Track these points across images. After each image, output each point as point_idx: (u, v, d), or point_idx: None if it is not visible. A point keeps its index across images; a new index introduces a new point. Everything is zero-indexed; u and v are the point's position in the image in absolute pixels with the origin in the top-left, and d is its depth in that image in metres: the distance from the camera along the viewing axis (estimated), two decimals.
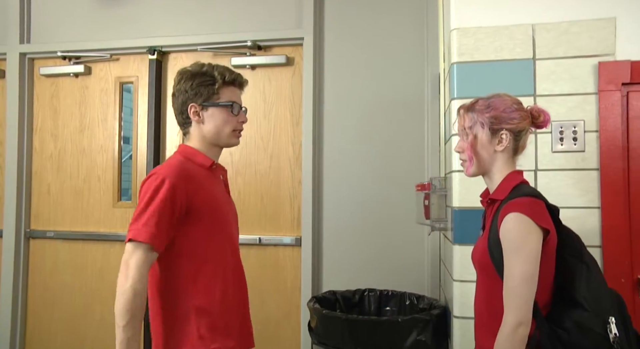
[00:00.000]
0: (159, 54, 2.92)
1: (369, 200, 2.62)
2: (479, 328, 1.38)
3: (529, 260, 1.20)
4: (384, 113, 2.63)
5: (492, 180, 1.37)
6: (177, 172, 1.39)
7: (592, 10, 1.82)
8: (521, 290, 1.19)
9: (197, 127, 1.50)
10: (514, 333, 1.17)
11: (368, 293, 2.36)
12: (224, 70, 1.51)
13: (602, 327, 1.20)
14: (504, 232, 1.24)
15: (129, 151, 3.03)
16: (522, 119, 1.34)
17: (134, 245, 1.32)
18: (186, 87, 1.48)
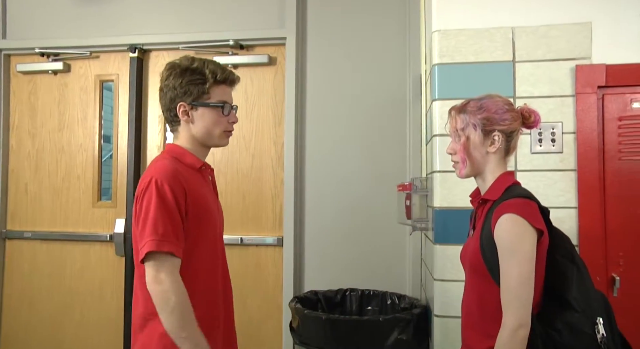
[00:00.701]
0: (140, 52, 2.89)
1: (351, 200, 2.63)
2: (468, 328, 1.37)
3: (526, 261, 1.20)
4: (366, 113, 2.64)
5: (485, 181, 1.37)
6: (172, 174, 1.33)
7: (569, 14, 1.86)
8: (520, 291, 1.19)
9: (186, 126, 1.43)
10: (515, 335, 1.18)
11: (350, 293, 2.37)
12: (215, 68, 1.43)
13: (590, 328, 1.21)
14: (499, 233, 1.23)
15: (110, 150, 2.99)
16: (513, 120, 1.34)
17: (159, 258, 1.25)
18: (175, 84, 1.40)
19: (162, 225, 1.27)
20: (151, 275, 1.26)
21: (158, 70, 2.91)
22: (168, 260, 1.26)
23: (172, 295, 1.24)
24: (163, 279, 1.25)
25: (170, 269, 1.26)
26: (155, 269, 1.25)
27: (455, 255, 1.84)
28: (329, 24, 2.72)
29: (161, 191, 1.29)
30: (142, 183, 1.33)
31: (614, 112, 1.84)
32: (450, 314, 1.85)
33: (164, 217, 1.27)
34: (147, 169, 1.39)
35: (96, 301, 2.88)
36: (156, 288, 1.25)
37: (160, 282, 1.24)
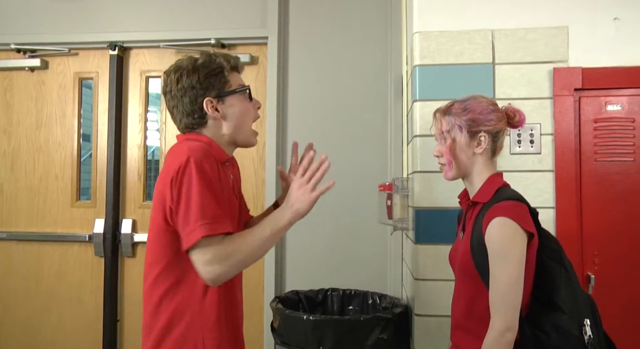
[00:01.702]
0: (120, 49, 2.85)
1: (332, 200, 2.62)
2: (458, 329, 1.37)
3: (515, 265, 1.20)
4: (348, 113, 2.65)
5: (473, 183, 1.36)
6: (208, 153, 1.23)
7: (547, 18, 1.89)
8: (508, 295, 1.19)
9: (214, 125, 1.31)
10: (501, 338, 1.18)
11: (331, 293, 2.37)
12: (225, 56, 1.35)
13: (578, 329, 1.22)
14: (490, 237, 1.23)
15: (89, 149, 2.95)
16: (498, 120, 1.34)
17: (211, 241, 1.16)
18: (192, 83, 1.28)
19: (209, 206, 1.16)
20: (203, 260, 1.16)
21: (139, 68, 2.89)
22: (218, 240, 1.17)
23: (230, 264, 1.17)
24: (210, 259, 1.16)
25: (216, 244, 1.17)
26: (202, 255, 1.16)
27: (436, 255, 1.87)
28: (311, 24, 2.72)
29: (201, 170, 1.18)
30: (175, 164, 1.19)
31: (590, 114, 1.87)
32: (431, 313, 1.87)
33: (210, 197, 1.17)
34: (175, 152, 1.25)
35: (74, 304, 2.84)
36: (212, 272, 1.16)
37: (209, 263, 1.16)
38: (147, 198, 2.87)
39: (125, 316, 2.82)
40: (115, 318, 2.80)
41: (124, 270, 2.84)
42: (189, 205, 1.16)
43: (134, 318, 2.81)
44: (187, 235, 1.17)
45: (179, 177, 1.18)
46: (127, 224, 2.83)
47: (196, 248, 1.17)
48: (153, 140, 2.92)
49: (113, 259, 2.80)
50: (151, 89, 2.92)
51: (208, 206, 1.17)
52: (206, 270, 1.17)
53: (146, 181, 2.89)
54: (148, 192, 2.89)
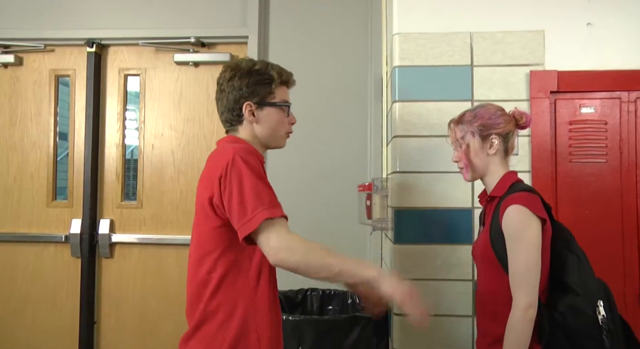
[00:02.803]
0: (98, 46, 2.80)
1: (311, 200, 2.64)
2: (483, 316, 1.48)
3: (532, 247, 1.31)
4: (328, 113, 2.65)
5: (490, 181, 1.48)
6: (252, 151, 1.31)
7: (524, 22, 1.92)
8: (527, 275, 1.30)
9: (249, 126, 1.41)
10: (525, 315, 1.28)
11: (311, 293, 2.37)
12: (280, 69, 1.44)
13: (591, 309, 1.32)
14: (506, 223, 1.35)
15: (66, 148, 2.89)
16: (507, 123, 1.47)
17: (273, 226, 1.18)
18: (241, 85, 1.38)
19: (265, 193, 1.21)
20: (266, 248, 1.19)
21: (117, 65, 2.85)
22: (280, 222, 1.20)
23: (297, 251, 1.18)
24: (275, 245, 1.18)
25: (285, 230, 1.20)
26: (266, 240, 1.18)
27: (415, 255, 1.89)
28: (292, 24, 2.71)
29: (249, 164, 1.24)
30: (224, 162, 1.24)
31: (565, 116, 1.91)
32: None
33: (262, 186, 1.23)
34: (221, 153, 1.30)
35: (49, 306, 2.78)
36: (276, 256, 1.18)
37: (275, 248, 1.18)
38: (125, 197, 2.84)
39: (102, 318, 2.78)
40: (92, 320, 2.76)
41: (102, 271, 2.80)
42: (243, 196, 1.21)
43: (111, 319, 2.77)
44: (246, 222, 1.19)
45: (228, 173, 1.23)
46: (104, 224, 2.79)
47: (260, 232, 1.19)
48: (132, 139, 2.88)
49: (90, 260, 2.76)
50: (130, 87, 2.88)
51: (263, 193, 1.22)
52: (273, 250, 1.19)
53: (124, 180, 2.85)
54: (126, 192, 2.85)
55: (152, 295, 2.75)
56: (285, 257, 1.18)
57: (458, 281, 1.88)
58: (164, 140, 2.82)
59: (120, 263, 2.79)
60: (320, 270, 1.20)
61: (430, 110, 1.91)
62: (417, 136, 1.91)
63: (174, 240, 2.75)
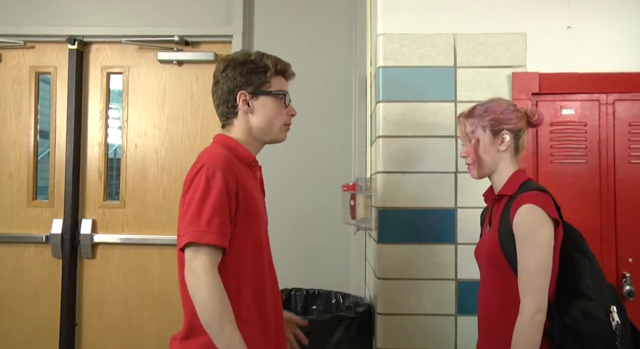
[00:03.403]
0: (80, 44, 2.76)
1: (295, 200, 2.63)
2: (487, 320, 1.41)
3: (544, 249, 1.26)
4: (312, 113, 2.64)
5: (498, 179, 1.43)
6: (226, 162, 1.25)
7: (506, 24, 1.95)
8: (537, 278, 1.25)
9: (244, 118, 1.37)
10: (533, 319, 1.23)
11: (295, 293, 2.37)
12: (276, 59, 1.40)
13: (605, 315, 1.27)
14: (517, 222, 1.29)
15: (47, 147, 2.85)
16: (519, 119, 1.42)
17: (197, 249, 1.17)
18: (234, 74, 1.35)
19: (206, 215, 1.18)
20: (188, 265, 1.18)
21: (99, 63, 2.81)
22: (207, 252, 1.18)
23: (202, 287, 1.16)
24: (195, 269, 1.17)
25: (206, 260, 1.17)
26: (190, 260, 1.18)
27: (398, 254, 1.90)
28: (276, 23, 2.71)
29: (211, 179, 1.20)
30: (193, 170, 1.25)
31: (546, 117, 1.92)
32: (393, 312, 1.89)
33: (209, 206, 1.19)
34: (199, 156, 1.29)
35: (29, 308, 2.73)
36: (190, 279, 1.18)
37: (192, 272, 1.17)
38: (108, 197, 2.80)
39: (84, 319, 2.74)
40: (73, 321, 2.72)
41: (83, 272, 2.76)
42: (188, 209, 1.21)
43: (93, 320, 2.73)
44: (180, 236, 1.21)
45: (189, 181, 1.24)
46: (86, 224, 2.75)
47: (188, 248, 1.19)
48: (114, 138, 2.85)
49: (72, 260, 2.72)
50: (113, 86, 2.85)
51: (205, 213, 1.18)
52: (186, 276, 1.19)
53: (107, 180, 2.81)
54: (109, 191, 2.82)
55: (135, 296, 2.72)
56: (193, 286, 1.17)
57: (441, 281, 1.90)
58: (147, 139, 2.79)
59: (103, 263, 2.75)
60: (206, 319, 1.17)
61: (414, 111, 1.92)
62: (401, 136, 1.92)
63: (157, 240, 2.72)
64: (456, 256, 1.90)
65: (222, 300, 1.17)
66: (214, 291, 1.16)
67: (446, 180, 1.91)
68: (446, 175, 1.92)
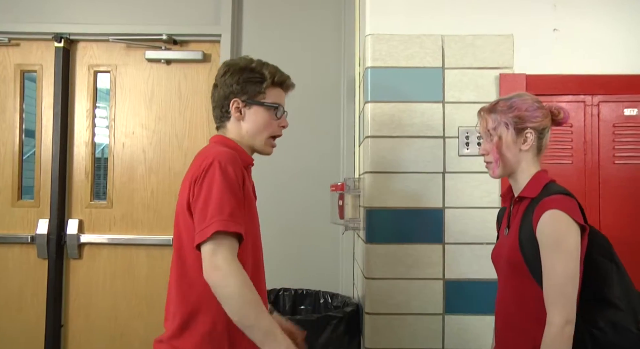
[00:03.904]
0: (67, 41, 2.73)
1: (284, 200, 2.63)
2: (506, 329, 1.34)
3: (571, 257, 1.19)
4: (301, 114, 2.62)
5: (518, 180, 1.35)
6: (233, 158, 1.27)
7: (494, 26, 1.97)
8: (566, 287, 1.17)
9: (236, 123, 1.39)
10: (562, 332, 1.15)
11: (283, 293, 2.37)
12: (274, 70, 1.42)
13: (635, 326, 1.20)
14: (542, 229, 1.22)
15: (33, 146, 2.81)
16: (544, 117, 1.33)
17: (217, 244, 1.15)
18: (232, 81, 1.38)
19: (228, 204, 1.19)
20: (208, 261, 1.16)
21: (87, 62, 2.78)
22: (230, 242, 1.17)
23: (231, 280, 1.14)
24: (220, 264, 1.14)
25: (229, 252, 1.16)
26: (213, 254, 1.15)
27: (386, 254, 1.91)
28: (265, 23, 2.71)
29: (225, 171, 1.22)
30: (203, 166, 1.24)
31: None
32: (381, 311, 1.90)
33: (229, 197, 1.20)
34: (204, 154, 1.29)
35: (13, 310, 2.69)
36: (214, 275, 1.15)
37: (217, 267, 1.14)
38: (95, 197, 2.78)
39: (70, 320, 2.71)
40: (59, 323, 2.69)
41: (70, 272, 2.73)
42: (208, 202, 1.20)
43: (80, 321, 2.71)
44: (202, 229, 1.17)
45: (201, 176, 1.22)
46: (73, 224, 2.72)
47: (208, 243, 1.16)
48: (102, 137, 2.82)
49: (58, 261, 2.69)
50: (100, 84, 2.82)
51: (227, 204, 1.19)
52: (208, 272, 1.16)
53: (94, 179, 2.79)
54: (96, 191, 2.79)
55: (122, 296, 2.70)
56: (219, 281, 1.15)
57: (429, 280, 1.91)
58: (134, 139, 2.77)
59: (89, 264, 2.73)
60: (239, 310, 1.15)
61: (402, 111, 1.93)
62: (389, 136, 1.93)
63: (145, 240, 2.70)
64: (444, 255, 1.91)
65: (252, 289, 1.16)
66: (244, 282, 1.15)
67: (434, 180, 1.93)
68: (434, 175, 1.93)
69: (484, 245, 1.91)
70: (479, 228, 1.92)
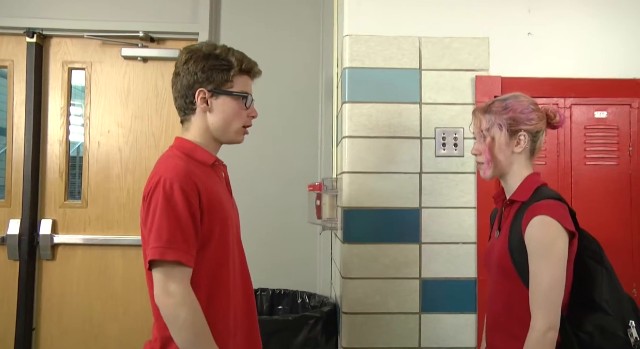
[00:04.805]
0: (40, 37, 2.66)
1: (261, 199, 2.62)
2: (494, 330, 1.36)
3: (558, 264, 1.18)
4: (279, 114, 2.64)
5: (510, 182, 1.35)
6: (183, 173, 1.19)
7: (470, 29, 1.99)
8: (550, 294, 1.17)
9: (201, 116, 1.30)
10: (544, 338, 1.15)
11: (260, 293, 2.36)
12: (241, 57, 1.33)
13: (623, 331, 1.20)
14: (531, 235, 1.21)
15: (4, 144, 2.74)
16: (539, 120, 1.32)
17: (169, 269, 1.13)
18: (196, 69, 1.27)
19: (167, 230, 1.14)
20: (159, 286, 1.13)
21: (60, 58, 2.72)
22: (176, 269, 1.13)
23: (183, 309, 1.12)
24: (172, 291, 1.12)
25: (180, 279, 1.13)
26: (163, 279, 1.13)
27: (364, 254, 1.91)
28: (243, 22, 2.69)
29: (168, 193, 1.15)
30: (150, 184, 1.20)
31: None
32: (358, 311, 1.91)
33: (170, 222, 1.14)
34: (156, 167, 1.25)
35: None
36: (164, 301, 1.13)
37: (169, 294, 1.12)
38: (69, 196, 2.72)
39: (42, 324, 2.65)
40: (30, 326, 2.62)
41: (42, 274, 2.66)
42: (151, 227, 1.16)
43: (52, 324, 2.65)
44: (145, 255, 1.16)
45: (147, 198, 1.19)
46: (46, 224, 2.66)
47: (153, 270, 1.15)
48: (77, 135, 2.77)
49: (29, 262, 2.62)
50: (75, 81, 2.76)
51: (166, 230, 1.14)
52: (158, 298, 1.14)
53: (68, 179, 2.73)
54: (71, 191, 2.74)
55: (96, 298, 2.65)
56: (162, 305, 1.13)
57: (405, 280, 1.93)
58: (110, 137, 2.72)
59: (63, 265, 2.67)
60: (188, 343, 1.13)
61: (380, 112, 1.94)
62: (367, 137, 1.94)
63: (121, 241, 2.66)
64: (420, 255, 1.93)
65: (202, 322, 1.14)
66: (195, 313, 1.13)
67: (411, 180, 1.94)
68: (411, 175, 1.94)
69: (460, 245, 1.94)
70: (455, 228, 1.94)
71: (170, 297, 1.12)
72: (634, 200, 1.98)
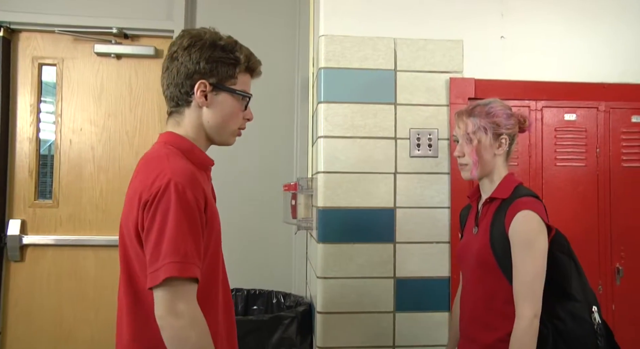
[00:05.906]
0: (7, 31, 2.59)
1: (236, 199, 2.61)
2: (471, 322, 1.42)
3: (540, 256, 1.28)
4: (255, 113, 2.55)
5: (492, 181, 1.43)
6: (192, 177, 1.07)
7: (444, 31, 2.02)
8: (535, 283, 1.27)
9: (196, 111, 1.16)
10: (531, 325, 1.25)
11: (235, 293, 2.35)
12: (248, 53, 1.22)
13: (589, 315, 1.32)
14: (515, 228, 1.30)
15: None
16: (515, 124, 1.43)
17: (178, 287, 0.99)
18: (199, 58, 1.14)
19: (183, 242, 1.00)
20: (163, 305, 0.99)
21: (30, 53, 2.65)
22: (188, 286, 1.01)
23: (193, 331, 0.99)
24: (182, 311, 0.99)
25: (190, 298, 1.01)
26: (170, 299, 0.99)
27: (338, 254, 1.92)
28: (219, 21, 2.66)
29: (183, 199, 1.02)
30: (156, 186, 1.03)
31: None
32: (332, 310, 1.91)
33: (186, 233, 1.01)
34: (155, 167, 1.08)
35: None
36: (171, 323, 0.99)
37: (177, 315, 0.98)
38: (39, 196, 2.66)
39: (8, 327, 2.57)
40: None
41: (10, 276, 2.59)
42: (162, 237, 1.01)
43: (19, 328, 2.57)
44: (154, 271, 1.00)
45: (155, 201, 1.02)
46: (14, 225, 2.59)
47: (159, 287, 1.00)
48: (48, 133, 2.70)
49: None
50: (45, 77, 2.70)
51: (182, 241, 1.01)
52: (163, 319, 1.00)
53: (39, 177, 2.66)
54: (41, 190, 2.67)
55: (67, 300, 2.59)
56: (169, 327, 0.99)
57: (380, 279, 1.94)
58: (83, 135, 2.67)
59: (32, 266, 2.60)
60: None
61: (355, 112, 1.95)
62: (342, 137, 1.95)
63: (93, 241, 2.61)
64: (395, 254, 1.94)
65: (210, 342, 1.04)
66: (204, 335, 1.02)
67: (385, 180, 1.96)
68: (385, 175, 1.96)
69: (434, 244, 1.96)
70: (429, 227, 1.96)
71: (179, 318, 0.99)
72: (601, 199, 2.03)
